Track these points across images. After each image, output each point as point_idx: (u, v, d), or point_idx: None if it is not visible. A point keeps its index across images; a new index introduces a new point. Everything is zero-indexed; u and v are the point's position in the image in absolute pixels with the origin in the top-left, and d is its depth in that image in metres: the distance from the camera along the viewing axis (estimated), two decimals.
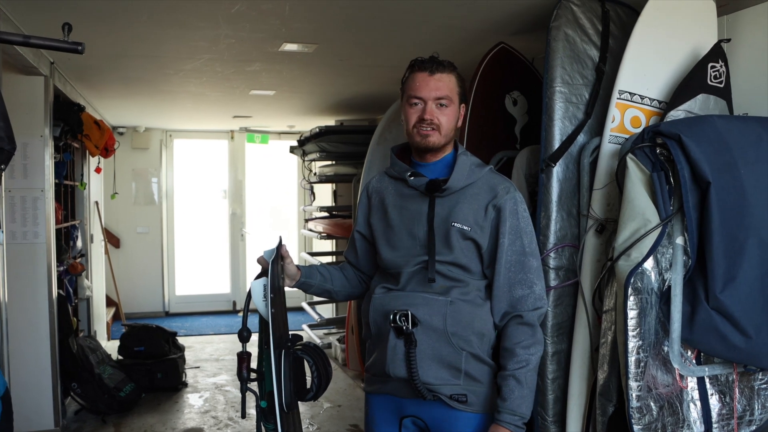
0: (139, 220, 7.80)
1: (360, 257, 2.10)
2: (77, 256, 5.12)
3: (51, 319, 3.80)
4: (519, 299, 1.85)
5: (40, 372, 3.78)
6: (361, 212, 2.07)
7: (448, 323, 1.82)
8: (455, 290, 1.85)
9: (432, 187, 1.88)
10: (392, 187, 1.98)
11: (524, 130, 3.23)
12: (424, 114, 1.86)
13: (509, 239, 1.85)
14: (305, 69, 4.24)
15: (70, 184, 5.13)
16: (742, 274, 1.94)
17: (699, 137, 1.94)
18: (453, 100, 1.89)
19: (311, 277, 2.02)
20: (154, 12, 3.00)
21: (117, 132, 7.46)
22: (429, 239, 1.86)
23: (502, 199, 1.86)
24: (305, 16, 3.06)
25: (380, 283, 1.96)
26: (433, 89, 1.86)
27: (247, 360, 1.78)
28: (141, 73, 4.43)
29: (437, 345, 1.82)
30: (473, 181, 1.89)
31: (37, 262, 3.78)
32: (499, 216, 1.86)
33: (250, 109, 6.28)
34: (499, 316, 1.87)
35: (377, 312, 1.91)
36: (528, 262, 1.87)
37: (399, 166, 1.97)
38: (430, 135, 1.87)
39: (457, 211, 1.86)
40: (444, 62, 1.90)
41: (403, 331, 1.80)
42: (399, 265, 1.90)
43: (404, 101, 1.92)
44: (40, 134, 3.77)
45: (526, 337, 1.82)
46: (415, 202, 1.91)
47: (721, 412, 2.10)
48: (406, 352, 1.80)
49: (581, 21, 2.54)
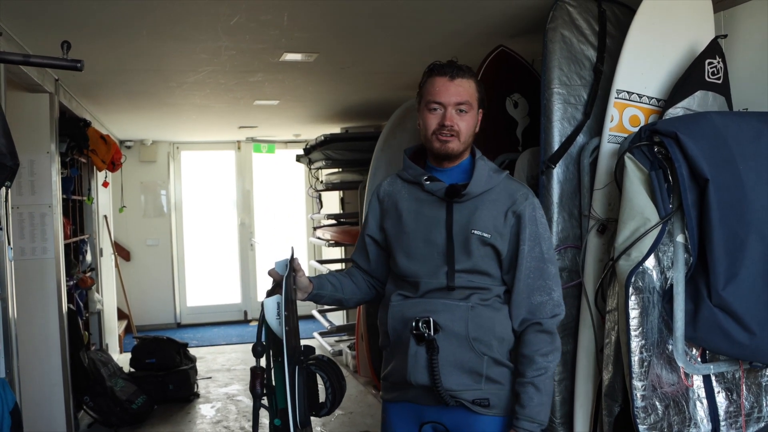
0: (149, 233, 7.84)
1: (372, 262, 2.05)
2: (87, 270, 5.16)
3: (62, 334, 3.82)
4: (538, 306, 1.82)
5: (52, 386, 3.80)
6: (372, 216, 2.02)
7: (470, 329, 1.80)
8: (475, 296, 1.83)
9: (451, 192, 1.84)
10: (406, 191, 1.94)
11: (526, 132, 3.23)
12: (444, 120, 1.82)
13: (529, 246, 1.83)
14: (307, 78, 4.27)
15: (78, 199, 5.17)
16: (744, 271, 1.93)
17: (696, 134, 1.94)
18: (473, 105, 1.85)
19: (322, 288, 1.98)
20: (154, 27, 3.03)
21: (124, 146, 7.52)
22: (448, 247, 1.83)
23: (521, 205, 1.84)
24: (304, 25, 3.09)
25: (396, 291, 1.93)
26: (453, 94, 1.82)
27: (260, 375, 1.77)
28: (145, 87, 4.47)
29: (459, 351, 1.80)
30: (491, 187, 1.87)
31: (46, 278, 3.80)
32: (519, 223, 1.83)
33: (256, 119, 6.31)
34: (517, 321, 1.84)
35: (396, 320, 1.88)
36: (547, 268, 1.85)
37: (414, 170, 1.93)
38: (450, 141, 1.83)
39: (476, 217, 1.83)
40: (463, 67, 1.86)
41: (425, 338, 1.78)
42: (417, 274, 1.87)
43: (422, 106, 1.88)
44: (47, 150, 3.80)
45: (545, 344, 1.81)
46: (432, 207, 1.88)
47: (728, 409, 2.09)
48: (429, 359, 1.78)
49: (577, 22, 2.54)
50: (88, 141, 4.58)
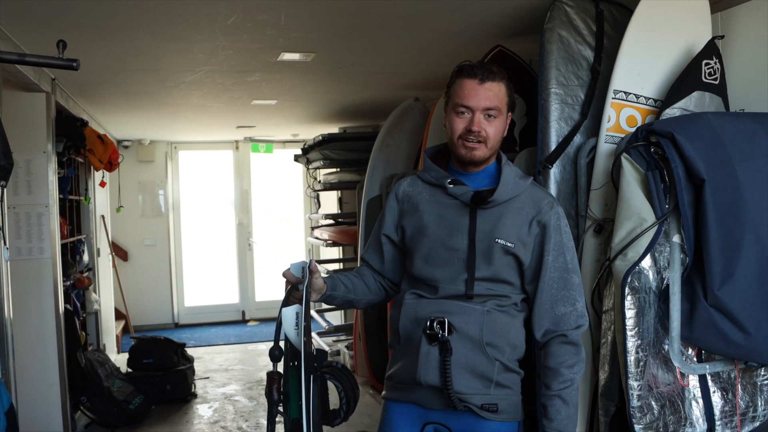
0: (147, 233, 7.84)
1: (386, 263, 2.00)
2: (84, 270, 5.15)
3: (58, 334, 3.81)
4: (562, 317, 1.79)
5: (49, 387, 3.79)
6: (390, 216, 1.97)
7: (485, 333, 1.77)
8: (492, 301, 1.80)
9: (478, 199, 1.79)
10: (427, 194, 1.89)
11: (523, 133, 3.23)
12: (471, 125, 1.76)
13: (553, 256, 1.80)
14: (305, 77, 4.26)
15: (75, 199, 5.16)
16: (740, 271, 1.93)
17: (692, 135, 1.94)
18: (502, 110, 1.80)
19: (336, 289, 1.93)
20: (152, 27, 3.02)
21: (122, 145, 7.51)
22: (470, 254, 1.79)
23: (546, 215, 1.81)
24: (301, 25, 3.08)
25: (411, 289, 1.89)
26: (483, 99, 1.76)
27: (278, 381, 1.73)
28: (142, 87, 4.46)
29: (471, 354, 1.77)
30: (517, 194, 1.82)
31: (43, 278, 3.80)
32: (543, 232, 1.80)
33: (254, 119, 6.31)
34: (540, 332, 1.81)
35: (408, 318, 1.84)
36: (571, 278, 1.81)
37: (436, 172, 1.88)
38: (477, 148, 1.78)
39: (500, 226, 1.79)
40: (494, 69, 1.80)
41: (438, 339, 1.75)
42: (436, 278, 1.83)
43: (450, 108, 1.82)
44: (43, 150, 3.79)
45: (570, 356, 1.77)
46: (455, 212, 1.83)
47: (723, 409, 2.09)
48: (441, 361, 1.75)
49: (575, 22, 2.54)
50: (85, 140, 4.57)
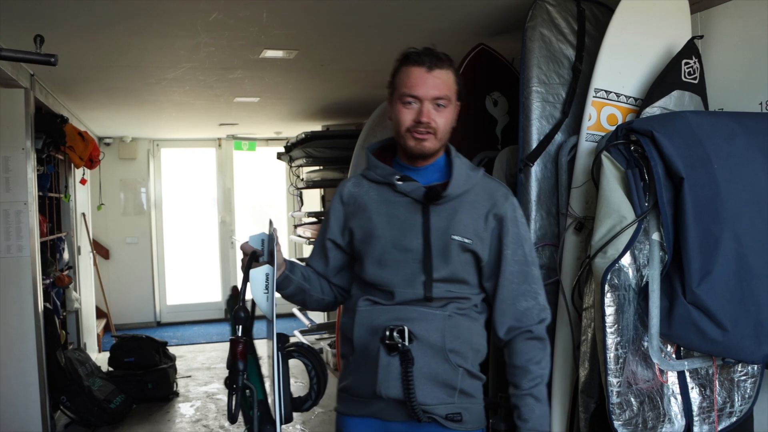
0: (129, 231, 7.78)
1: (331, 268, 1.87)
2: (64, 268, 5.10)
3: (38, 333, 3.77)
4: (524, 312, 1.71)
5: (28, 386, 3.75)
6: (335, 219, 1.84)
7: (447, 339, 1.67)
8: (452, 304, 1.71)
9: (431, 195, 1.69)
10: (374, 193, 1.77)
11: (505, 131, 3.24)
12: (420, 116, 1.66)
13: (512, 249, 1.72)
14: (287, 75, 4.25)
15: (55, 197, 5.11)
16: (718, 268, 1.95)
17: (671, 133, 1.95)
18: (451, 99, 1.70)
19: (293, 272, 1.80)
20: (132, 22, 2.99)
21: (103, 143, 7.44)
22: (425, 254, 1.68)
23: (502, 206, 1.72)
24: (283, 22, 3.07)
25: (364, 296, 1.76)
26: (432, 87, 1.65)
27: (244, 347, 1.55)
28: (123, 84, 4.42)
29: (434, 363, 1.67)
30: (470, 187, 1.73)
31: (22, 276, 3.75)
32: (501, 225, 1.72)
33: (236, 117, 6.28)
34: (503, 330, 1.73)
35: (363, 327, 1.72)
36: (530, 271, 1.74)
37: (382, 169, 1.76)
38: (426, 140, 1.68)
39: (456, 221, 1.69)
40: (442, 56, 1.70)
41: (398, 348, 1.64)
42: (391, 283, 1.71)
43: (395, 99, 1.70)
44: (22, 147, 3.75)
45: (537, 352, 1.71)
46: (406, 210, 1.72)
47: (701, 405, 2.11)
48: (403, 372, 1.64)
49: (557, 21, 2.55)
50: (65, 137, 4.52)
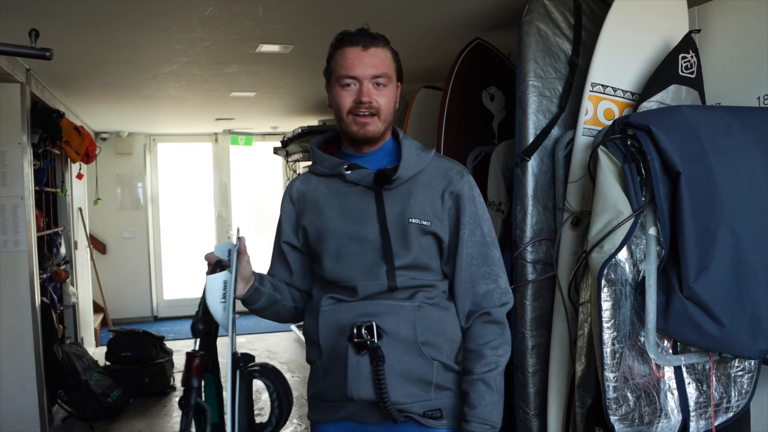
0: (125, 226, 7.77)
1: (294, 273, 1.77)
2: (61, 263, 5.10)
3: (34, 327, 3.77)
4: (484, 295, 1.63)
5: (25, 380, 3.75)
6: (287, 220, 1.75)
7: (419, 332, 1.58)
8: (420, 293, 1.61)
9: (381, 178, 1.59)
10: (324, 187, 1.69)
11: (502, 125, 3.24)
12: (360, 96, 1.58)
13: (469, 229, 1.63)
14: (284, 70, 4.23)
15: (52, 191, 5.10)
16: (715, 263, 1.95)
17: (668, 128, 1.95)
18: (392, 77, 1.63)
19: (263, 284, 1.70)
20: (127, 17, 2.98)
21: (100, 137, 7.43)
22: (384, 242, 1.59)
23: (458, 184, 1.64)
24: (279, 17, 3.06)
25: (326, 294, 1.65)
26: (369, 66, 1.59)
27: (200, 362, 1.45)
28: (119, 79, 4.41)
29: (406, 358, 1.57)
30: (422, 168, 1.65)
31: (18, 271, 3.75)
32: (457, 204, 1.64)
33: (233, 112, 6.26)
34: (464, 316, 1.65)
35: (329, 327, 1.61)
36: (490, 252, 1.65)
37: (329, 161, 1.68)
38: (369, 123, 1.60)
39: (412, 204, 1.61)
40: (377, 35, 1.64)
41: (367, 346, 1.54)
42: (351, 277, 1.61)
43: (333, 84, 1.64)
44: (18, 142, 3.74)
45: (494, 336, 1.60)
46: (359, 199, 1.63)
47: (698, 400, 2.11)
48: (374, 371, 1.53)
49: (553, 15, 2.55)
50: (61, 132, 4.51)
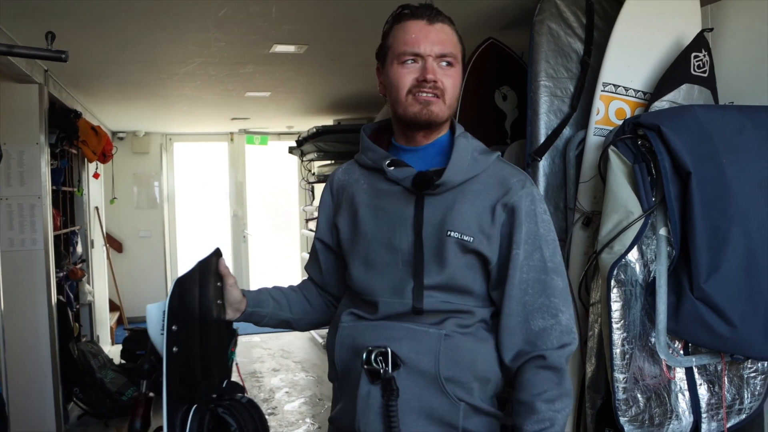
0: (141, 224, 7.84)
1: (324, 274, 1.62)
2: (78, 261, 5.15)
3: (51, 325, 3.82)
4: (539, 333, 1.36)
5: (42, 378, 3.81)
6: (324, 215, 1.59)
7: (442, 365, 1.35)
8: (451, 320, 1.38)
9: (421, 182, 1.38)
10: (365, 181, 1.49)
11: (514, 125, 3.23)
12: (425, 73, 1.36)
13: (525, 251, 1.37)
14: (298, 70, 4.26)
15: (69, 191, 5.16)
16: (726, 264, 1.94)
17: (679, 127, 1.94)
18: (458, 59, 1.42)
19: (262, 305, 1.55)
20: (143, 17, 3.01)
21: (117, 137, 7.50)
22: (415, 254, 1.37)
23: (515, 195, 1.38)
24: (293, 17, 3.08)
25: (349, 308, 1.47)
26: (436, 42, 1.38)
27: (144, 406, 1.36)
28: (135, 78, 4.45)
29: (426, 394, 1.35)
30: (477, 174, 1.40)
31: (35, 269, 3.81)
32: (512, 219, 1.38)
33: (248, 111, 6.30)
34: (511, 355, 1.38)
35: (345, 347, 1.43)
36: (551, 281, 1.38)
37: (374, 152, 1.47)
38: (433, 103, 1.37)
39: (454, 214, 1.37)
40: (443, 13, 1.45)
41: (380, 376, 1.34)
42: (375, 291, 1.42)
43: (390, 62, 1.43)
44: (36, 141, 3.79)
45: (549, 386, 1.33)
46: (397, 201, 1.42)
47: (710, 401, 2.10)
48: (385, 405, 1.33)
49: (565, 14, 2.54)
50: (78, 132, 4.57)
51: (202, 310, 1.38)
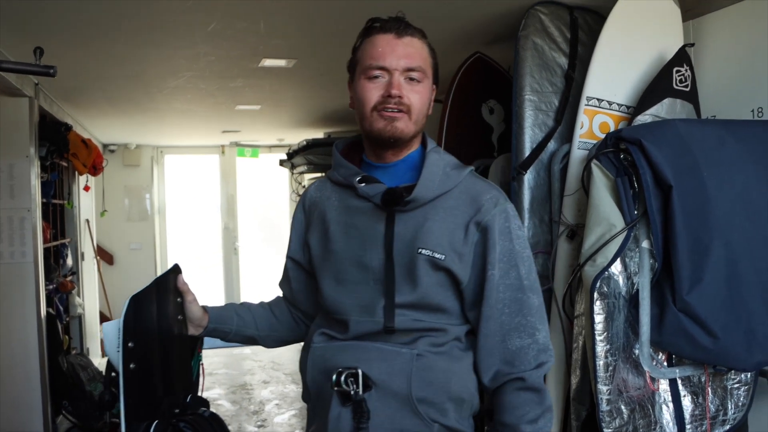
0: (132, 237, 7.82)
1: (295, 292, 1.60)
2: (68, 274, 5.14)
3: (40, 337, 3.81)
4: (517, 352, 1.35)
5: (30, 390, 3.78)
6: (295, 232, 1.57)
7: (414, 386, 1.33)
8: (424, 339, 1.36)
9: (390, 198, 1.36)
10: (336, 198, 1.48)
11: (501, 138, 3.26)
12: (389, 88, 1.34)
13: (501, 269, 1.36)
14: (288, 83, 4.28)
15: (59, 203, 5.16)
16: (708, 276, 1.96)
17: (660, 141, 1.97)
18: (426, 74, 1.39)
19: (225, 322, 1.55)
20: (131, 33, 3.02)
21: (108, 149, 7.50)
22: (386, 272, 1.35)
23: (489, 213, 1.37)
24: (281, 32, 3.10)
25: (321, 328, 1.45)
26: (402, 56, 1.35)
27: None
28: (125, 93, 4.46)
29: (398, 416, 1.33)
30: (449, 189, 1.39)
31: (25, 281, 3.79)
32: (485, 238, 1.37)
33: (239, 124, 6.31)
34: (489, 375, 1.38)
35: (316, 368, 1.42)
36: (527, 300, 1.38)
37: (346, 169, 1.46)
38: (398, 119, 1.35)
39: (425, 231, 1.35)
40: (413, 26, 1.41)
41: (351, 398, 1.32)
42: (345, 309, 1.39)
43: (358, 76, 1.40)
44: (26, 154, 3.79)
45: (531, 406, 1.34)
46: (368, 218, 1.40)
47: (694, 413, 2.12)
48: (355, 427, 1.31)
49: (549, 29, 2.58)
50: (69, 145, 4.57)
51: (161, 325, 1.38)
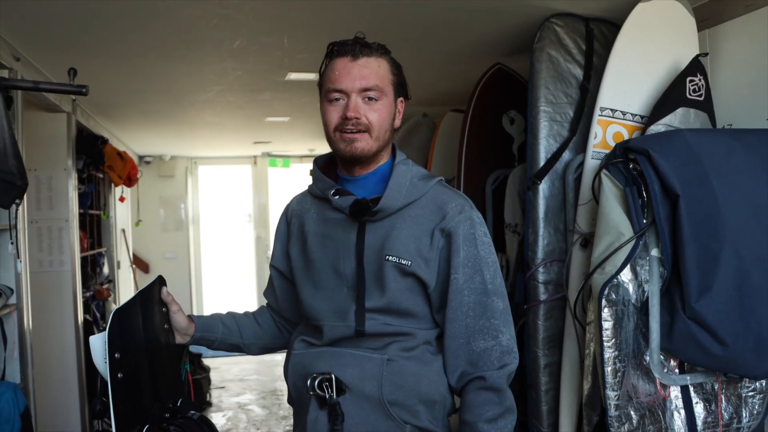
0: (167, 246, 8.02)
1: (279, 300, 1.69)
2: (104, 282, 5.31)
3: (77, 343, 3.96)
4: (481, 354, 1.42)
5: (68, 393, 3.93)
6: (278, 242, 1.68)
7: (386, 389, 1.40)
8: (395, 344, 1.44)
9: (357, 209, 1.44)
10: (315, 210, 1.57)
11: (521, 148, 3.31)
12: (346, 111, 1.44)
13: (465, 274, 1.43)
14: (314, 95, 4.26)
15: (96, 214, 5.34)
16: (718, 284, 1.97)
17: (667, 151, 2.00)
18: (384, 91, 1.47)
19: (211, 330, 1.64)
20: (161, 50, 3.16)
21: (143, 161, 7.72)
22: (357, 279, 1.44)
23: (453, 220, 1.44)
24: (304, 46, 3.20)
25: (301, 335, 1.55)
26: (357, 78, 1.44)
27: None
28: (158, 107, 4.63)
29: (372, 418, 1.41)
30: (416, 199, 1.47)
31: (63, 289, 3.95)
32: (450, 244, 1.43)
33: (269, 135, 6.45)
34: (455, 376, 1.45)
35: (297, 374, 1.50)
36: (492, 303, 1.44)
37: (323, 182, 1.55)
38: (357, 140, 1.45)
39: (393, 239, 1.43)
40: (372, 44, 1.49)
41: (327, 401, 1.40)
42: (320, 315, 1.48)
43: (322, 99, 1.52)
44: (64, 167, 3.96)
45: (490, 406, 1.40)
46: (342, 228, 1.48)
47: (706, 420, 2.13)
48: (331, 430, 1.39)
49: (564, 41, 2.62)
50: (105, 158, 4.74)
51: (147, 335, 1.45)
